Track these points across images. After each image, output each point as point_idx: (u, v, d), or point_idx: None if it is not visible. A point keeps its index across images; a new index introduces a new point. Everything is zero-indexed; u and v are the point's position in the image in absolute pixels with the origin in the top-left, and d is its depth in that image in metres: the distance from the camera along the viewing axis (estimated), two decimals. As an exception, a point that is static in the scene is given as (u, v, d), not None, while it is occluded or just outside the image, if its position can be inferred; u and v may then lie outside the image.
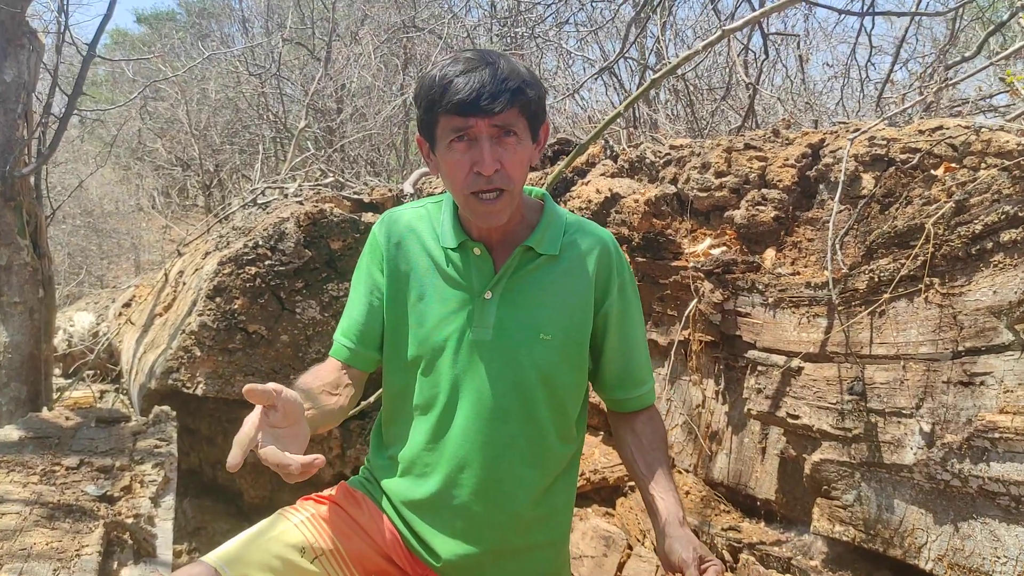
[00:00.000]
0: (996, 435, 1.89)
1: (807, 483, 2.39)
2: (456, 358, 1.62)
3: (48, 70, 4.14)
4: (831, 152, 2.71)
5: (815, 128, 3.44)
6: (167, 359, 3.78)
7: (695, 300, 2.79)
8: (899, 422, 2.14)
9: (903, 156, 2.50)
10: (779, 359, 2.48)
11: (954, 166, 2.37)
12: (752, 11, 4.03)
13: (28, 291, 3.94)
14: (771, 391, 2.47)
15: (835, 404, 2.29)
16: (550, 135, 5.10)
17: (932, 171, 2.41)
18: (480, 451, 1.61)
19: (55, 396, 4.63)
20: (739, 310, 2.68)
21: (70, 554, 2.34)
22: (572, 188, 3.65)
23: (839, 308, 2.32)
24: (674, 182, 3.24)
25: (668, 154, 3.47)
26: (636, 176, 3.54)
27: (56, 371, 6.48)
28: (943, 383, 2.05)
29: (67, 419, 3.46)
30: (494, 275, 1.63)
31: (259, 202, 5.18)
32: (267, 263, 3.75)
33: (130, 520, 2.65)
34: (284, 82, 10.07)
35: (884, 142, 2.56)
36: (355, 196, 4.97)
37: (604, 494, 3.00)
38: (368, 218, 4.02)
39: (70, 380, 5.55)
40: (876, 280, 2.22)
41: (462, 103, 1.46)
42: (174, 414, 3.53)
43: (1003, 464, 1.89)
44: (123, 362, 5.16)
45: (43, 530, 2.45)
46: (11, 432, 3.22)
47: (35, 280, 3.98)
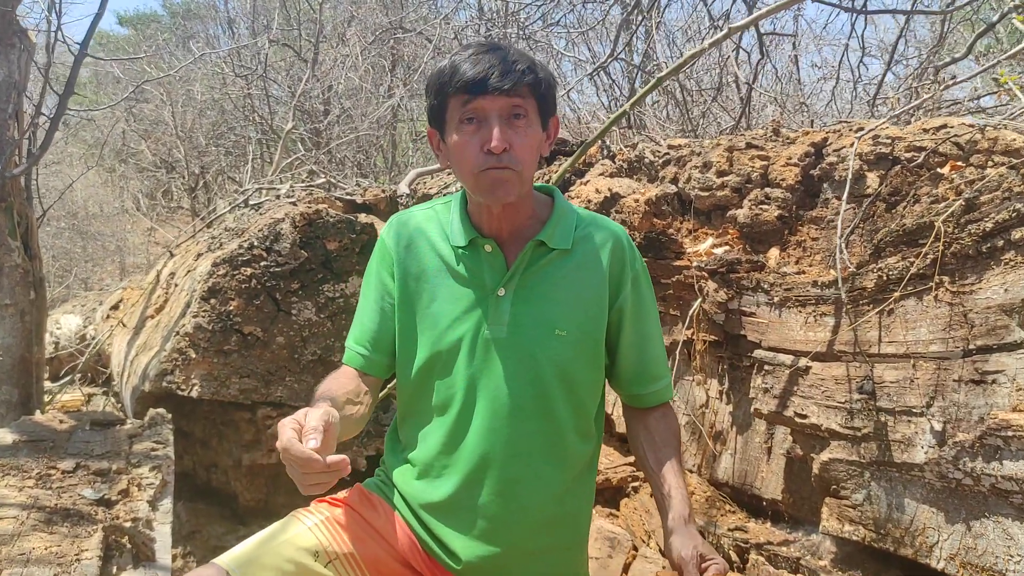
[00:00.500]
0: (1009, 433, 1.88)
1: (815, 483, 2.38)
2: (471, 357, 1.60)
3: (39, 69, 4.09)
4: (835, 151, 2.71)
5: (810, 129, 3.44)
6: (161, 361, 3.73)
7: (699, 300, 2.78)
8: (909, 421, 2.13)
9: (908, 155, 2.50)
10: (786, 358, 2.47)
11: (960, 164, 2.37)
12: (747, 10, 4.03)
13: (19, 293, 3.89)
14: (778, 390, 2.46)
15: (844, 403, 2.28)
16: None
17: (938, 169, 2.40)
18: (499, 450, 1.58)
19: (48, 399, 4.58)
20: (743, 309, 2.67)
21: (70, 559, 2.31)
22: (570, 188, 3.64)
23: (847, 307, 2.31)
24: (675, 181, 3.23)
25: (667, 154, 3.47)
26: (635, 176, 3.53)
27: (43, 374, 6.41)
28: (954, 381, 2.05)
29: (61, 422, 3.41)
30: (506, 271, 1.62)
31: (251, 203, 5.14)
32: (263, 264, 3.72)
33: (128, 524, 2.61)
34: (270, 83, 10.00)
35: (888, 141, 2.56)
36: (348, 197, 4.94)
37: (608, 495, 2.98)
38: (364, 219, 3.98)
39: (58, 383, 5.48)
40: (885, 279, 2.21)
41: (471, 82, 1.47)
42: (169, 416, 3.49)
43: (1016, 462, 1.89)
44: (113, 365, 5.10)
45: (41, 534, 2.41)
46: (4, 435, 3.17)
47: (26, 282, 3.93)
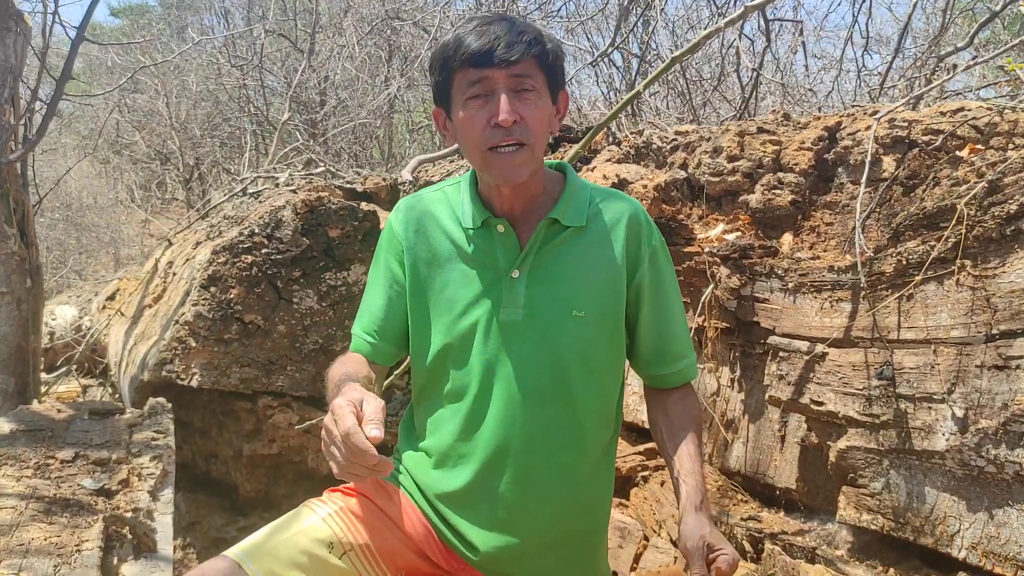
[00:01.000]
0: (1036, 419, 1.84)
1: (831, 471, 2.34)
2: (486, 342, 1.55)
3: (36, 54, 4.03)
4: (849, 135, 2.66)
5: (821, 114, 3.39)
6: (160, 350, 3.68)
7: (711, 286, 2.73)
8: (930, 408, 2.09)
9: (925, 138, 2.45)
10: (802, 345, 2.43)
11: (980, 147, 2.33)
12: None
13: (15, 281, 3.83)
14: (794, 377, 2.42)
15: (862, 390, 2.24)
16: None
17: (957, 152, 2.36)
18: (516, 438, 1.53)
19: (44, 389, 4.52)
20: (756, 296, 2.63)
21: (70, 549, 2.26)
22: (577, 174, 3.58)
23: (865, 292, 2.26)
24: (684, 167, 3.18)
25: (674, 140, 3.42)
26: (642, 162, 3.48)
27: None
28: (976, 367, 2.00)
29: (59, 411, 3.36)
30: (520, 252, 1.56)
31: (250, 192, 5.08)
32: (263, 251, 3.66)
33: (129, 514, 2.57)
34: (266, 74, 9.93)
35: (905, 124, 2.51)
36: (348, 185, 4.88)
37: (617, 484, 2.90)
38: (365, 207, 3.93)
39: (54, 374, 5.42)
40: (904, 263, 2.17)
41: (477, 54, 1.42)
42: (170, 406, 3.44)
43: (1043, 449, 1.85)
44: (111, 355, 5.04)
45: (41, 525, 2.36)
46: (2, 425, 3.12)
47: (23, 269, 3.87)
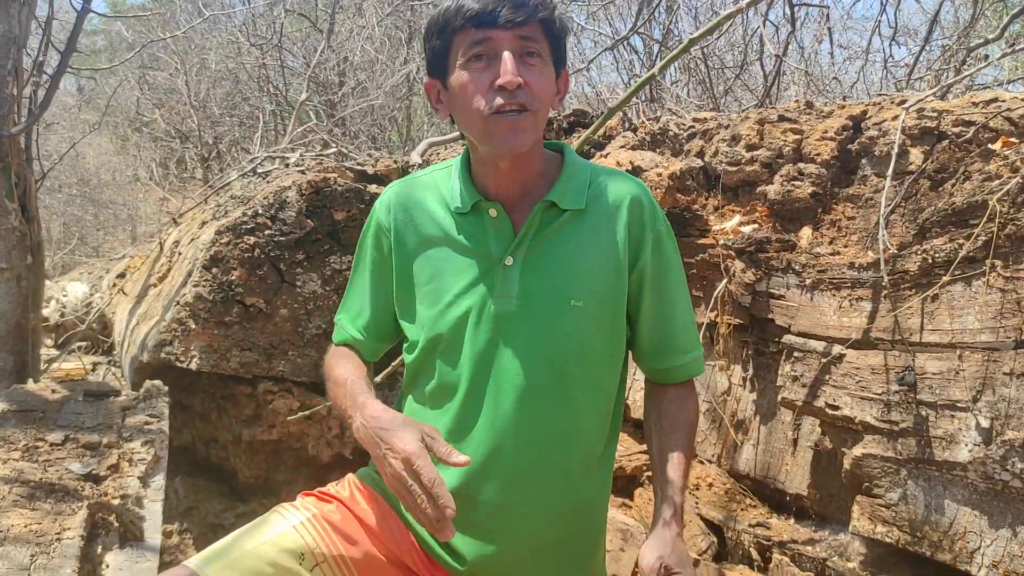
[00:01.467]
0: (1067, 433, 1.72)
1: (846, 479, 2.22)
2: (477, 334, 1.44)
3: (41, 25, 3.94)
4: (875, 124, 2.53)
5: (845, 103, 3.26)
6: (160, 331, 3.60)
7: (724, 280, 2.61)
8: (953, 416, 1.97)
9: (956, 129, 2.32)
10: (818, 345, 2.31)
11: (1014, 140, 2.19)
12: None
13: (16, 257, 3.75)
14: (809, 379, 2.30)
15: (880, 395, 2.12)
16: (563, 108, 4.93)
17: (989, 145, 2.23)
18: (509, 436, 1.42)
19: (44, 367, 4.46)
20: (772, 292, 2.50)
21: (50, 538, 2.18)
22: (590, 160, 3.47)
23: (887, 291, 2.14)
24: (700, 155, 3.06)
25: (692, 127, 3.29)
26: (658, 149, 3.36)
27: (48, 341, 6.32)
28: (1004, 375, 1.88)
29: (53, 392, 3.28)
30: (514, 237, 1.45)
31: (259, 171, 4.99)
32: (267, 233, 3.57)
33: (116, 501, 2.49)
34: (286, 54, 9.84)
35: (934, 114, 2.38)
36: (359, 167, 4.78)
37: (620, 483, 2.83)
38: (373, 189, 3.83)
39: (60, 352, 5.38)
40: (930, 261, 2.04)
41: (481, 13, 1.31)
42: (166, 389, 3.35)
43: (1073, 465, 1.73)
44: (116, 334, 4.98)
45: (22, 511, 2.28)
46: (-7, 404, 3.05)
47: (23, 246, 3.79)
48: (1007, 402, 1.86)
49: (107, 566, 2.23)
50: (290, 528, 1.41)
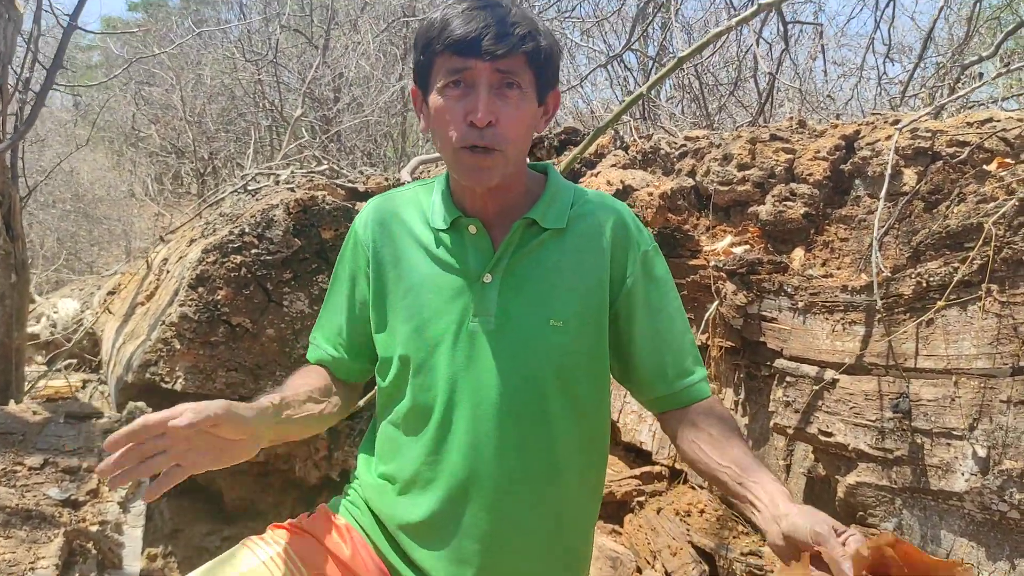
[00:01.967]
0: (1065, 463, 1.67)
1: (839, 507, 2.17)
2: (454, 354, 1.39)
3: (26, 41, 3.90)
4: (868, 144, 2.49)
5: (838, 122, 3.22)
6: (145, 351, 3.55)
7: (716, 302, 2.56)
8: (949, 444, 1.92)
9: (950, 150, 2.28)
10: (811, 369, 2.26)
11: (1010, 161, 2.15)
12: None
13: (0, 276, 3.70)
14: (801, 405, 2.25)
15: (874, 422, 2.07)
16: (555, 125, 4.89)
17: (984, 166, 2.19)
18: (487, 461, 1.37)
19: (28, 386, 4.40)
20: (764, 314, 2.46)
21: (23, 567, 2.13)
22: (580, 179, 3.43)
23: (880, 315, 2.09)
24: (692, 175, 3.01)
25: (684, 145, 3.26)
26: (649, 168, 3.32)
27: (39, 359, 6.27)
28: (1001, 402, 1.83)
29: (34, 413, 3.22)
30: (493, 255, 1.40)
31: (249, 188, 4.95)
32: (253, 252, 3.52)
33: (95, 528, 2.43)
34: (281, 69, 9.84)
35: (928, 134, 2.34)
36: (350, 184, 4.73)
37: (610, 509, 2.77)
38: (362, 208, 3.79)
39: (47, 370, 5.32)
40: (924, 285, 2.00)
41: (461, 41, 1.26)
42: (150, 411, 3.30)
43: (1072, 496, 1.68)
44: (103, 352, 4.93)
45: (-5, 539, 2.22)
46: (-29, 427, 2.99)
47: (7, 264, 3.74)
48: (1004, 430, 1.82)
49: (81, 596, 2.18)
50: (259, 564, 1.36)
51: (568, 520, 1.45)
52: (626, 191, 3.08)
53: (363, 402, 3.14)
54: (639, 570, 2.52)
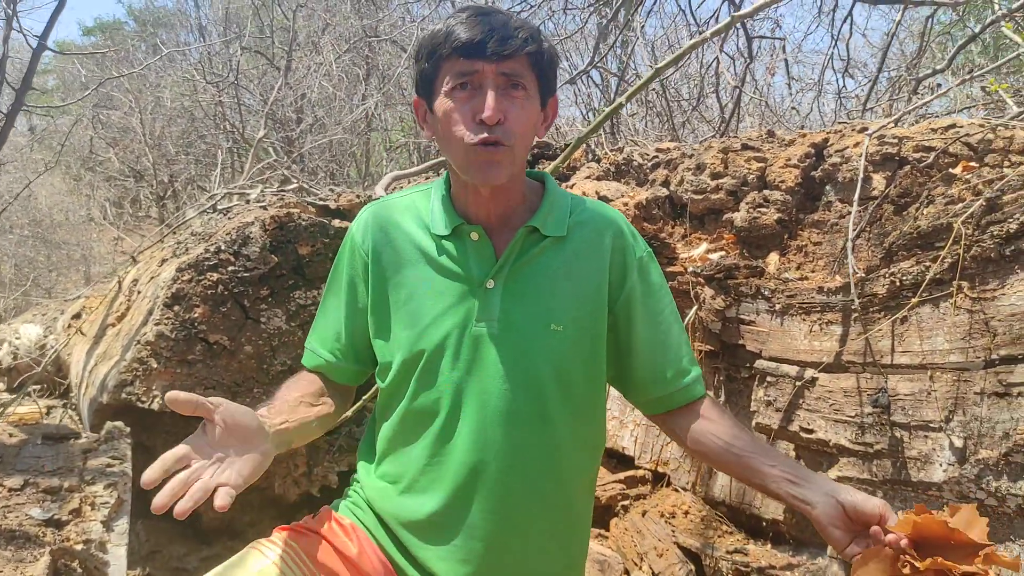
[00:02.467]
0: (1040, 450, 1.74)
1: (822, 502, 2.23)
2: (457, 358, 1.42)
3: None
4: (837, 151, 2.57)
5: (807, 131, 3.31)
6: (120, 371, 3.52)
7: (695, 307, 2.62)
8: (927, 436, 1.99)
9: (917, 155, 2.36)
10: (791, 369, 2.32)
11: (974, 164, 2.24)
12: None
13: (-31, 298, 3.66)
14: (782, 404, 2.31)
15: (854, 417, 2.13)
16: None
17: (950, 170, 2.27)
18: (490, 461, 1.40)
19: (-3, 412, 4.32)
20: (742, 318, 2.52)
21: (12, 586, 2.11)
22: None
23: (856, 315, 2.16)
24: (665, 184, 3.08)
25: (655, 157, 3.33)
26: (623, 179, 3.38)
27: (0, 385, 6.16)
28: (975, 394, 1.90)
29: (10, 436, 3.19)
30: (495, 261, 1.44)
31: (219, 208, 4.93)
32: (230, 269, 3.52)
33: (79, 546, 2.42)
34: (242, 91, 9.81)
35: (895, 141, 2.43)
36: (320, 202, 4.74)
37: (596, 513, 2.80)
38: (338, 224, 3.80)
39: (13, 396, 5.23)
40: (898, 284, 2.07)
41: (468, 44, 1.32)
42: (128, 430, 3.28)
43: (1047, 481, 1.75)
44: (72, 375, 4.86)
45: (-19, 559, 2.20)
46: (-53, 450, 2.95)
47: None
48: (979, 421, 1.88)
49: (71, 614, 2.16)
50: (270, 564, 1.37)
51: (568, 519, 1.49)
52: (602, 202, 3.14)
53: (351, 412, 3.15)
54: (627, 572, 2.55)
